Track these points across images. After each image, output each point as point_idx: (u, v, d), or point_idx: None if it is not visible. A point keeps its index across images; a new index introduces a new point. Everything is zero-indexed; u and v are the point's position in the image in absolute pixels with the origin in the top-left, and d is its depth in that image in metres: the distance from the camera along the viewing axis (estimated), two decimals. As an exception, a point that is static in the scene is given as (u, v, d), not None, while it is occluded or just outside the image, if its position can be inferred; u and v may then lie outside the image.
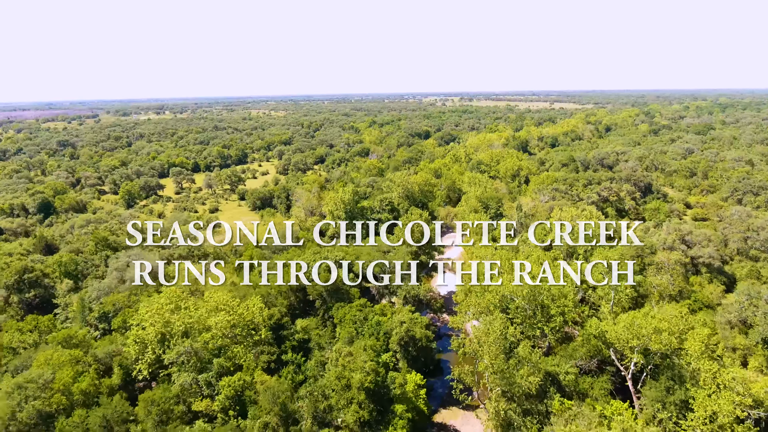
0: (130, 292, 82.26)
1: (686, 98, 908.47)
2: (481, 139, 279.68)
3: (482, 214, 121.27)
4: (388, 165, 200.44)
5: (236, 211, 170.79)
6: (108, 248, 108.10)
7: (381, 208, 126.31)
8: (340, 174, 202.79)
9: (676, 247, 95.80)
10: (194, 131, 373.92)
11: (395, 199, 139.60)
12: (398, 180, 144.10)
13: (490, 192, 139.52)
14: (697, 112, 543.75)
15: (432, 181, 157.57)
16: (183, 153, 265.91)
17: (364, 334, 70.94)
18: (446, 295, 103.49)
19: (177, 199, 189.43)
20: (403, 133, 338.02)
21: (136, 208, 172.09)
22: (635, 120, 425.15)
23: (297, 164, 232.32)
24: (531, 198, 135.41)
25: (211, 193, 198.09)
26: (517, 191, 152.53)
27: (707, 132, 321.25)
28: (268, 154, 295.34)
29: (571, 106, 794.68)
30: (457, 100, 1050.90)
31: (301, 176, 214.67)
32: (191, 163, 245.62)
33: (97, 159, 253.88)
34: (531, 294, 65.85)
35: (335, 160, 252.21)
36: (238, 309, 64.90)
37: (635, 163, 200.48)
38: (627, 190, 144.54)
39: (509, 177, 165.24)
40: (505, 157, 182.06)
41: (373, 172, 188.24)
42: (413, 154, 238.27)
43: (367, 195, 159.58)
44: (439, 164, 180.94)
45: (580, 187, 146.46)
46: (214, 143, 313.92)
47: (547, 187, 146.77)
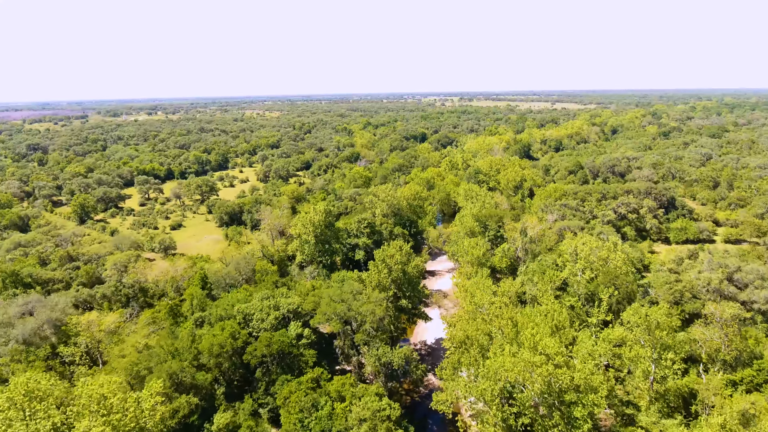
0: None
1: (690, 98, 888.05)
2: (480, 143, 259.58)
3: (480, 238, 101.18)
4: (375, 173, 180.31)
5: (201, 228, 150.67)
6: (20, 285, 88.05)
7: (358, 231, 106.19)
8: (323, 183, 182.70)
9: (724, 290, 75.61)
10: (177, 134, 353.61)
11: (378, 218, 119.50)
12: (383, 194, 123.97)
13: (489, 209, 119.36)
14: (704, 112, 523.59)
15: (422, 195, 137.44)
16: (158, 158, 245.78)
17: (311, 430, 50.90)
18: (434, 344, 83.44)
19: (139, 212, 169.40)
20: (398, 136, 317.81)
21: (89, 224, 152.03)
22: (642, 121, 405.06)
23: (278, 171, 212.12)
24: (537, 217, 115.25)
25: (178, 204, 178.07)
26: (520, 207, 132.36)
27: (721, 134, 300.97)
28: (252, 159, 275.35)
29: (573, 106, 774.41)
30: (457, 100, 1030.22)
31: (281, 185, 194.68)
32: (164, 170, 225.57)
33: (64, 165, 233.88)
34: (546, 385, 45.75)
35: (321, 166, 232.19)
36: (121, 406, 44.74)
37: (650, 172, 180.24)
38: (648, 206, 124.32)
39: (511, 189, 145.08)
40: (506, 165, 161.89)
41: (359, 182, 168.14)
42: (405, 161, 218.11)
43: (349, 210, 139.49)
44: (432, 174, 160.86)
45: (593, 202, 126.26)
46: (195, 147, 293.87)
47: (554, 203, 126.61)
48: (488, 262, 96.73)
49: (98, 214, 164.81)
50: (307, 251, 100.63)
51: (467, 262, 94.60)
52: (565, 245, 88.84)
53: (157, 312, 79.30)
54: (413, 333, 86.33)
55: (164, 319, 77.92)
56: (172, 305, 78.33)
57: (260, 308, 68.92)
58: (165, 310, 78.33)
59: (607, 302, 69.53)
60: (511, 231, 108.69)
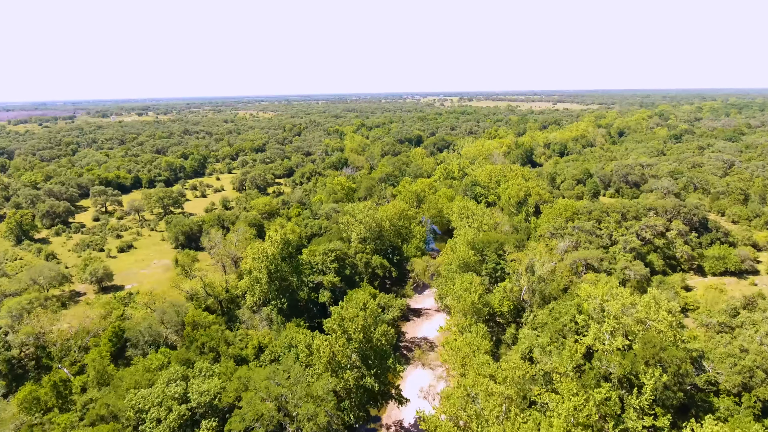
0: None
1: (693, 98, 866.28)
2: (479, 148, 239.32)
3: (475, 275, 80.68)
4: (360, 184, 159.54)
5: (154, 250, 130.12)
6: None
7: (324, 266, 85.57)
8: (302, 195, 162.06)
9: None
10: (157, 136, 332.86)
11: (353, 244, 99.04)
12: (361, 215, 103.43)
13: (487, 233, 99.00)
14: (712, 113, 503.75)
15: (409, 213, 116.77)
16: (127, 164, 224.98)
17: None
18: (413, 427, 62.89)
19: (90, 228, 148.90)
20: (391, 140, 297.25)
21: (25, 245, 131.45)
22: (649, 123, 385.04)
23: (255, 180, 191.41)
24: (544, 245, 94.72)
25: (137, 220, 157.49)
26: (524, 228, 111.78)
27: (738, 138, 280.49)
28: (232, 165, 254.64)
29: (576, 106, 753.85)
30: (456, 100, 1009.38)
31: (255, 196, 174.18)
32: (131, 178, 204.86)
33: (23, 171, 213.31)
34: None
35: (305, 174, 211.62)
36: None
37: (670, 182, 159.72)
38: (678, 230, 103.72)
39: (513, 205, 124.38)
40: (508, 175, 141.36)
41: (339, 195, 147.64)
42: (396, 168, 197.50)
43: (323, 231, 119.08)
44: (423, 186, 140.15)
45: (612, 223, 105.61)
46: (172, 151, 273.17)
47: (565, 224, 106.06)
48: (485, 309, 76.25)
49: (41, 231, 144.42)
50: (258, 292, 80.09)
51: (459, 311, 74.19)
52: (584, 291, 68.33)
53: (40, 388, 58.87)
54: (386, 410, 65.70)
55: (49, 399, 57.62)
56: (56, 381, 57.86)
57: (160, 400, 48.39)
58: (48, 387, 57.91)
59: (651, 389, 49.10)
60: (514, 263, 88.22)
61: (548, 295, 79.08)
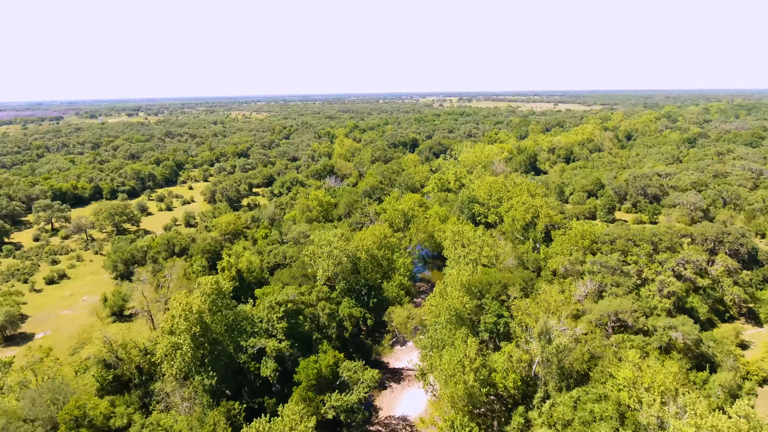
0: None
1: (696, 98, 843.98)
2: (478, 154, 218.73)
3: (470, 335, 60.11)
4: (340, 198, 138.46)
5: (89, 281, 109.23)
6: None
7: (270, 324, 64.61)
8: (273, 211, 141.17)
9: None
10: (135, 139, 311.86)
11: (318, 285, 78.46)
12: (328, 247, 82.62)
13: (487, 271, 78.45)
14: (721, 115, 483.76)
15: (391, 242, 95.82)
16: (90, 172, 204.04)
17: None
18: None
19: (26, 251, 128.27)
20: (384, 143, 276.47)
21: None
22: (657, 125, 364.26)
23: (226, 191, 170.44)
24: (559, 288, 74.15)
25: (82, 240, 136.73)
26: (532, 261, 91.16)
27: (758, 142, 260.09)
28: (210, 171, 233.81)
29: (577, 107, 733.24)
30: (456, 101, 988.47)
31: (225, 210, 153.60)
32: (90, 188, 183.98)
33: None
34: None
35: (285, 183, 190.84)
36: None
37: (697, 198, 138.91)
38: (726, 266, 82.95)
39: (518, 230, 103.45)
40: (511, 191, 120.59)
41: (314, 213, 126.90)
42: (384, 178, 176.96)
43: (287, 261, 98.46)
44: (412, 203, 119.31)
45: (642, 258, 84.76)
46: (146, 156, 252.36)
47: (584, 259, 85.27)
48: (483, 393, 55.56)
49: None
50: (179, 362, 59.29)
51: (447, 398, 53.52)
52: (624, 375, 47.77)
53: None
54: None
55: None
56: None
57: None
58: None
59: None
60: (521, 314, 67.65)
61: (569, 369, 58.51)
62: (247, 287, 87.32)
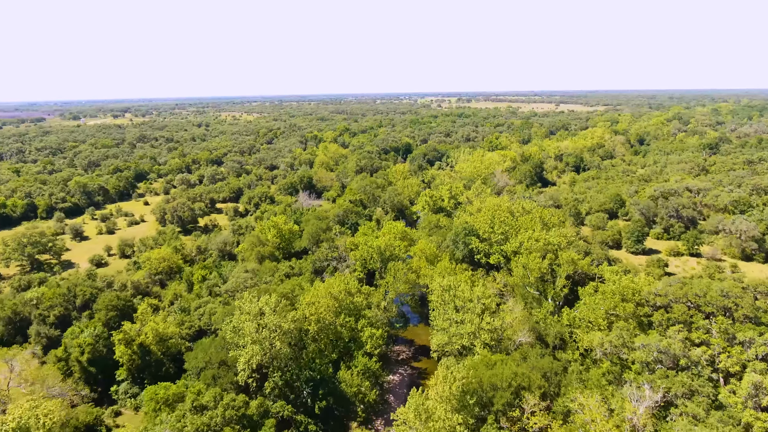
0: None
1: (701, 98, 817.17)
2: (477, 163, 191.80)
3: None
4: (305, 225, 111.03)
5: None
6: None
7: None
8: (224, 242, 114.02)
9: None
10: (100, 144, 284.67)
11: (240, 377, 51.50)
12: (256, 322, 55.81)
13: (492, 366, 51.86)
14: (733, 116, 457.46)
15: (357, 301, 68.81)
16: (30, 185, 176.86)
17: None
18: None
19: None
20: (373, 149, 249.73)
21: None
22: (670, 128, 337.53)
23: (177, 211, 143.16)
24: (601, 397, 47.57)
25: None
26: (554, 335, 64.34)
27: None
28: (174, 182, 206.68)
29: (580, 108, 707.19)
30: (454, 101, 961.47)
31: (170, 235, 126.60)
32: (23, 205, 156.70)
33: None
34: None
35: (252, 199, 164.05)
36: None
37: (750, 224, 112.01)
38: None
39: (533, 282, 76.21)
40: (520, 221, 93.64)
41: (270, 248, 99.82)
42: (367, 194, 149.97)
43: (212, 329, 71.51)
44: (391, 237, 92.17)
45: (717, 338, 57.84)
46: (106, 165, 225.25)
47: (631, 335, 58.25)
48: None
49: None
50: None
51: None
52: None
53: None
54: None
55: None
56: None
57: None
58: None
59: None
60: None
61: None
62: (157, 364, 60.96)
